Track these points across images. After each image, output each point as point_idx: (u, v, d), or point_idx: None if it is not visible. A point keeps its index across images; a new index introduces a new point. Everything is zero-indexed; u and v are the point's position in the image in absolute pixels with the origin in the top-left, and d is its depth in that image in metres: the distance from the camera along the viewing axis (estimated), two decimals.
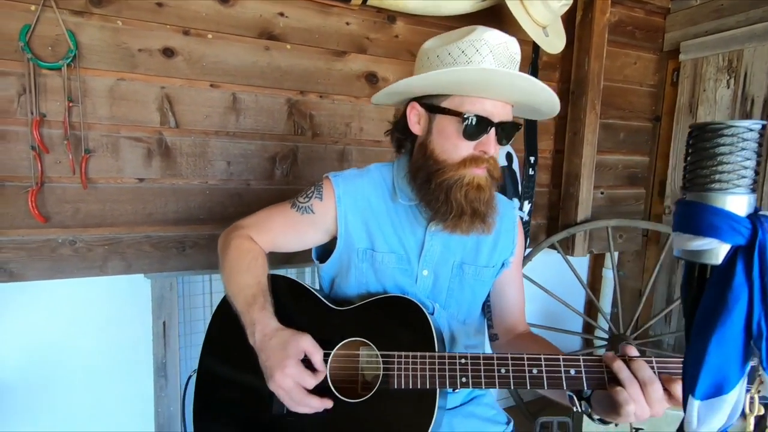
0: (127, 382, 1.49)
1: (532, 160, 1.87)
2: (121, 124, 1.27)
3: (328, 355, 0.80)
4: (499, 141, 0.81)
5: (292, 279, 0.91)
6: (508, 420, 0.98)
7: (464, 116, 0.78)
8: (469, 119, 0.78)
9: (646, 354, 0.74)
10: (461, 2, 1.52)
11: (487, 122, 0.79)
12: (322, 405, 0.75)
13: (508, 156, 1.80)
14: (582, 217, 1.90)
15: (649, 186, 2.17)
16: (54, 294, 1.37)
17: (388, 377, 0.76)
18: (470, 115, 0.78)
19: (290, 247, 0.95)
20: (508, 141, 0.84)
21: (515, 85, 0.78)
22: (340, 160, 1.56)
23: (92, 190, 1.26)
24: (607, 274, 2.19)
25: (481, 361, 0.73)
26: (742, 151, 0.46)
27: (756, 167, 0.47)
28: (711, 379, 0.47)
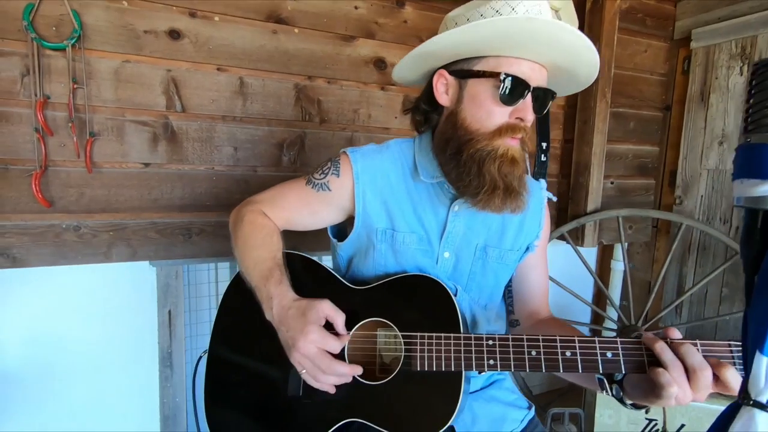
0: (132, 372, 1.47)
1: (545, 146, 1.83)
2: (127, 107, 1.24)
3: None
4: (535, 110, 0.77)
5: (308, 257, 0.88)
6: (530, 405, 0.95)
7: (501, 77, 0.73)
8: (506, 81, 0.73)
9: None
10: None
11: (525, 85, 0.74)
12: (351, 371, 0.72)
13: None
14: (592, 207, 1.88)
15: (659, 176, 2.14)
16: (57, 281, 1.35)
17: (410, 359, 0.73)
18: (507, 77, 0.74)
19: (304, 225, 0.92)
20: (542, 110, 0.79)
21: (560, 40, 0.72)
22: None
23: (97, 174, 1.23)
24: (616, 266, 2.17)
25: (510, 342, 0.69)
26: None
27: None
28: None
